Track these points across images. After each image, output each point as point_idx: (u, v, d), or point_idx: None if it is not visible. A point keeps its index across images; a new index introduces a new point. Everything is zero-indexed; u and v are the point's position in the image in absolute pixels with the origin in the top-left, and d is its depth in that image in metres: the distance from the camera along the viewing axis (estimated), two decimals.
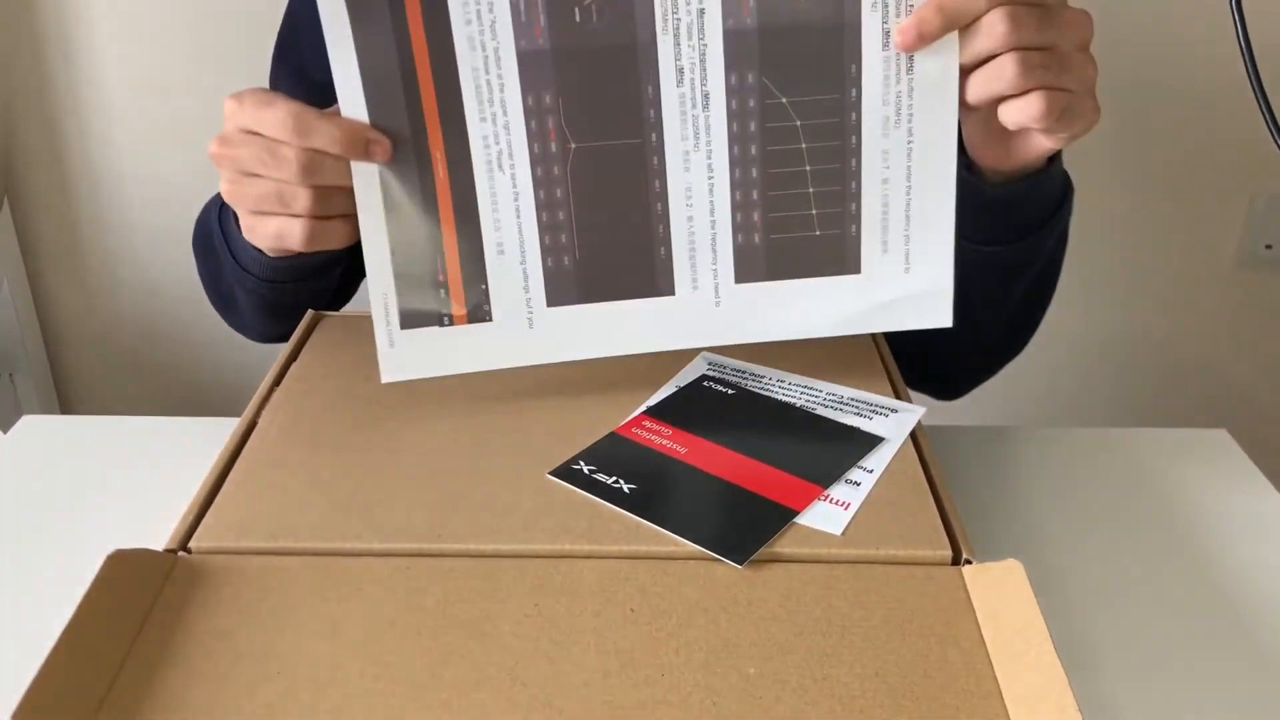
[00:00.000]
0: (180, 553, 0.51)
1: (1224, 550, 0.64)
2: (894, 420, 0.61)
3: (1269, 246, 1.55)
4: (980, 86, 0.57)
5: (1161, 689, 0.55)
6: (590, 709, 0.43)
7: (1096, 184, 1.52)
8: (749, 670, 0.45)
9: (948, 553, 0.51)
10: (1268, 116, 0.64)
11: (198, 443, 0.70)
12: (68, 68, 1.44)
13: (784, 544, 0.51)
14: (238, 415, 0.63)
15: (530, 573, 0.50)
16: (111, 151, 1.49)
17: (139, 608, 0.47)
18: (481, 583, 0.49)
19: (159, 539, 0.52)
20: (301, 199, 0.60)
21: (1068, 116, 0.58)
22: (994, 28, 0.56)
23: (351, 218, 0.62)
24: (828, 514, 0.53)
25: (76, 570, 0.48)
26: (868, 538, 0.52)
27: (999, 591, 0.48)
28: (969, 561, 0.51)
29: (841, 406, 0.62)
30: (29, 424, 0.75)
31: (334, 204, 0.61)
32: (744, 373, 0.66)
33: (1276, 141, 0.64)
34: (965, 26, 0.56)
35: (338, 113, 0.59)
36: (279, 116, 0.58)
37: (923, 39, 0.56)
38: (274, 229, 0.63)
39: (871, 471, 0.56)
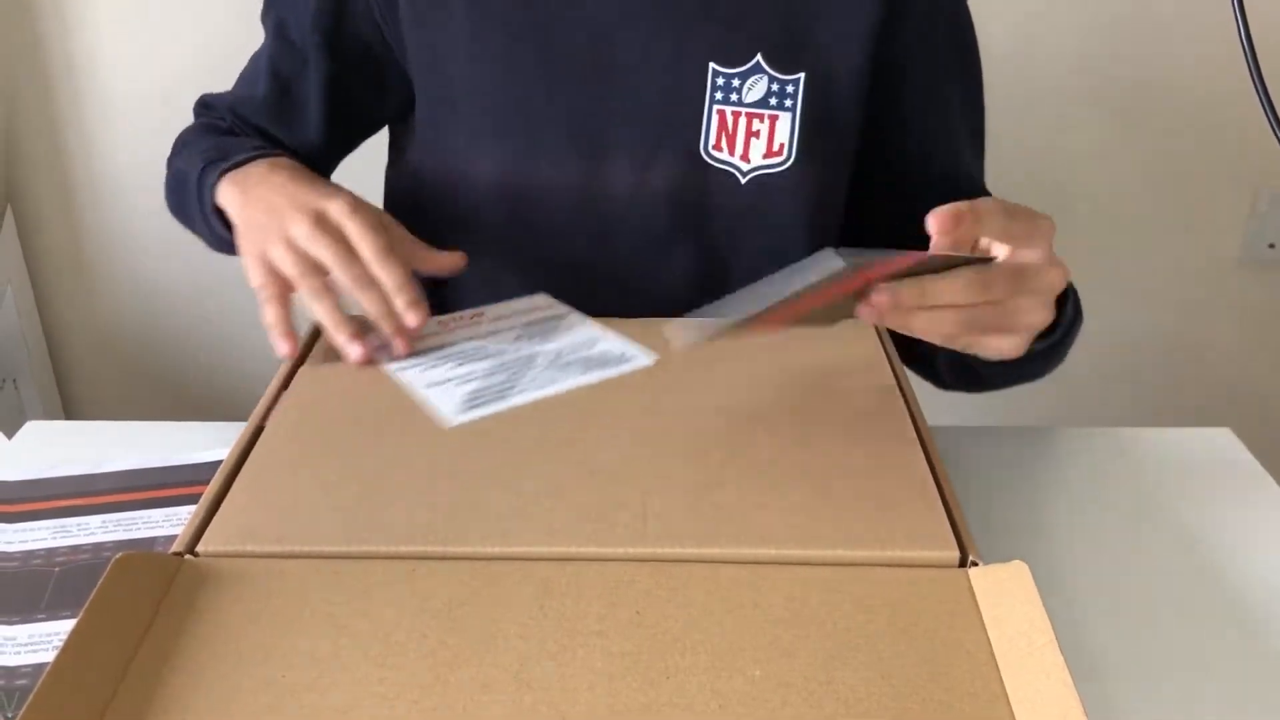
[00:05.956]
0: (187, 556, 0.51)
1: (1229, 549, 0.64)
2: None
3: (1272, 245, 1.55)
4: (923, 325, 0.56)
5: (1167, 691, 0.54)
6: (595, 712, 0.43)
7: (1100, 184, 1.52)
8: (754, 673, 0.45)
9: (953, 554, 0.51)
10: (1270, 115, 0.64)
11: (201, 448, 0.71)
12: (70, 77, 1.44)
13: (789, 546, 0.51)
14: (241, 420, 0.63)
15: (536, 575, 0.50)
16: (114, 160, 1.49)
17: (145, 610, 0.48)
18: (487, 586, 0.49)
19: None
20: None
21: (980, 345, 0.59)
22: (954, 294, 0.55)
23: None
24: None
25: None
26: (873, 539, 0.52)
27: (1004, 593, 0.48)
28: (974, 563, 0.51)
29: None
30: (32, 429, 0.75)
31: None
32: None
33: (1279, 140, 0.63)
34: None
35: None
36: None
37: (892, 314, 0.54)
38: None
39: None
